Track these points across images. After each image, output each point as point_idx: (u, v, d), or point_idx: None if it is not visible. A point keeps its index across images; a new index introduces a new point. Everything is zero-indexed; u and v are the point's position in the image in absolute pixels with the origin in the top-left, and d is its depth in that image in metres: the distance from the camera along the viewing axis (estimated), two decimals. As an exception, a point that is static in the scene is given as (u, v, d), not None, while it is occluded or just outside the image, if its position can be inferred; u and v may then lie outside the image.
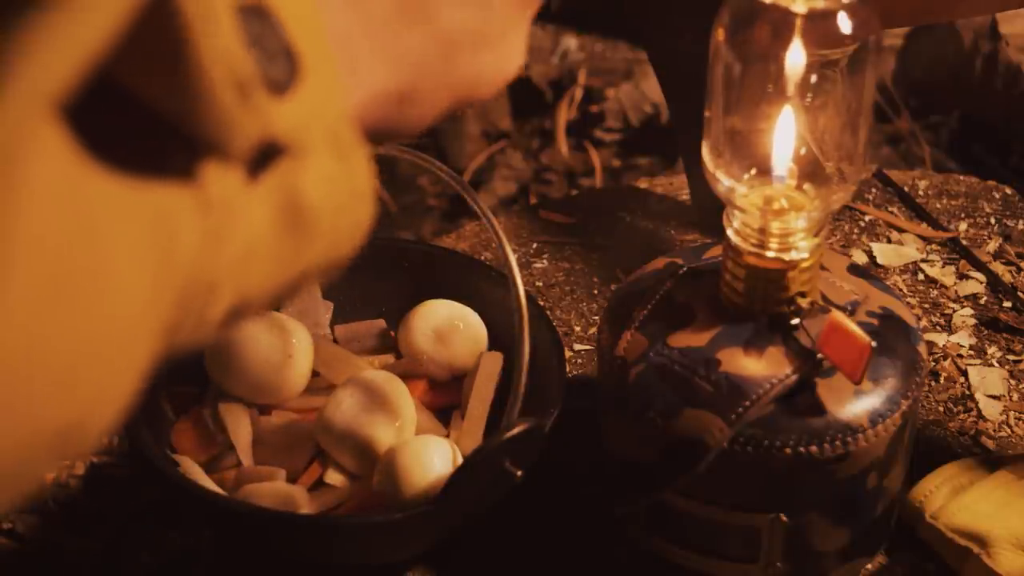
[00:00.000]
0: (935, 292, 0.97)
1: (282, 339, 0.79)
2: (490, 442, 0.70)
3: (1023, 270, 0.99)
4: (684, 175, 1.03)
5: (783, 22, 0.64)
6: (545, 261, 1.00)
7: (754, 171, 0.68)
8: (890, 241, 1.01)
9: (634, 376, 0.70)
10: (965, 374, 0.90)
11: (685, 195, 1.04)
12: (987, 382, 0.89)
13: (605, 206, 1.05)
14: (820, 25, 0.64)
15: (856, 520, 0.72)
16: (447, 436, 0.79)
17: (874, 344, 0.65)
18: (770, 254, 0.67)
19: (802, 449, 0.67)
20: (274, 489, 0.75)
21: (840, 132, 0.67)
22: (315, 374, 0.81)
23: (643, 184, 1.08)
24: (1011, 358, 0.91)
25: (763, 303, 0.69)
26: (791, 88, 0.66)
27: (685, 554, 0.74)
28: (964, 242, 1.01)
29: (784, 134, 0.67)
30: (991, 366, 0.90)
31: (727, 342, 0.69)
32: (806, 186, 0.68)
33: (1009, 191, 1.06)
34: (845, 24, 0.64)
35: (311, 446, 0.78)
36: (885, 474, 0.71)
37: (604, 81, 1.66)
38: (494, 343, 0.83)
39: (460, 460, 0.74)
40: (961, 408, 0.88)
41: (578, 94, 1.65)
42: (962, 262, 0.99)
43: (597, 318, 0.94)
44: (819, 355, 0.67)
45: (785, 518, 0.70)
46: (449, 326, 0.82)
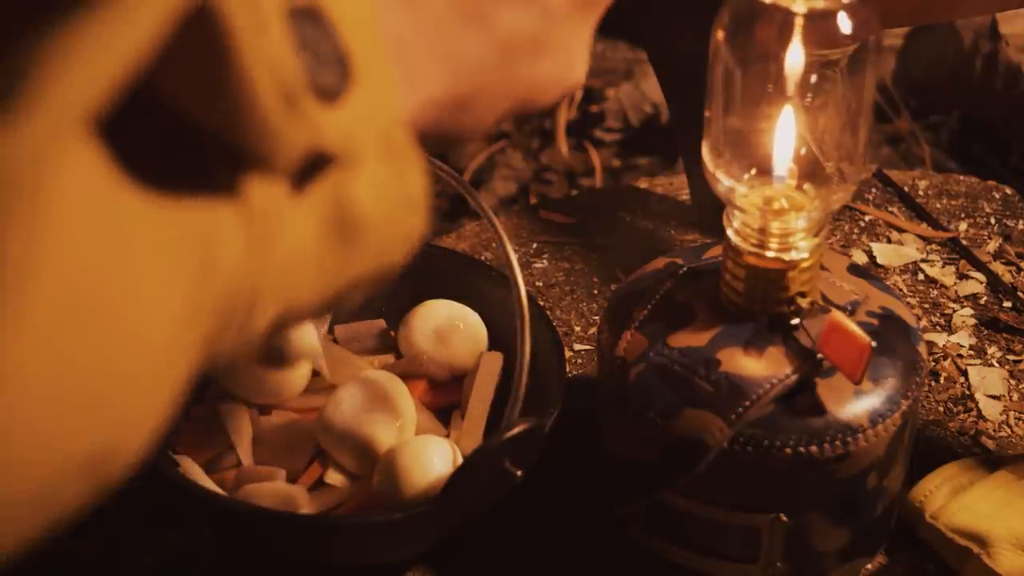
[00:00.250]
0: (935, 292, 0.97)
1: (282, 339, 0.79)
2: (490, 442, 0.70)
3: (1023, 270, 0.99)
4: (684, 175, 1.03)
5: (783, 22, 0.64)
6: (545, 261, 1.00)
7: (754, 171, 0.68)
8: (890, 241, 1.01)
9: (634, 376, 0.70)
10: (965, 374, 0.90)
11: (685, 195, 1.04)
12: (987, 382, 0.89)
13: (605, 206, 1.05)
14: (820, 25, 0.64)
15: (856, 520, 0.72)
16: (447, 436, 0.79)
17: (874, 344, 0.65)
18: (770, 254, 0.67)
19: (802, 449, 0.67)
20: (274, 489, 0.75)
21: (840, 132, 0.67)
22: (315, 374, 0.81)
23: (643, 184, 1.08)
24: (1011, 358, 0.91)
25: (763, 303, 0.69)
26: (791, 88, 0.66)
27: (685, 554, 0.74)
28: (964, 242, 1.01)
29: (784, 134, 0.67)
30: (991, 366, 0.90)
31: (727, 342, 0.69)
32: (806, 186, 0.68)
33: (1009, 191, 1.06)
34: (845, 24, 0.64)
35: (311, 446, 0.78)
36: (885, 474, 0.71)
37: (604, 81, 1.66)
38: (494, 343, 0.83)
39: (460, 460, 0.74)
40: (961, 408, 0.88)
41: (578, 94, 1.65)
42: (962, 262, 0.99)
43: (597, 318, 0.94)
44: (819, 355, 0.67)
45: (785, 518, 0.70)
46: (449, 326, 0.82)
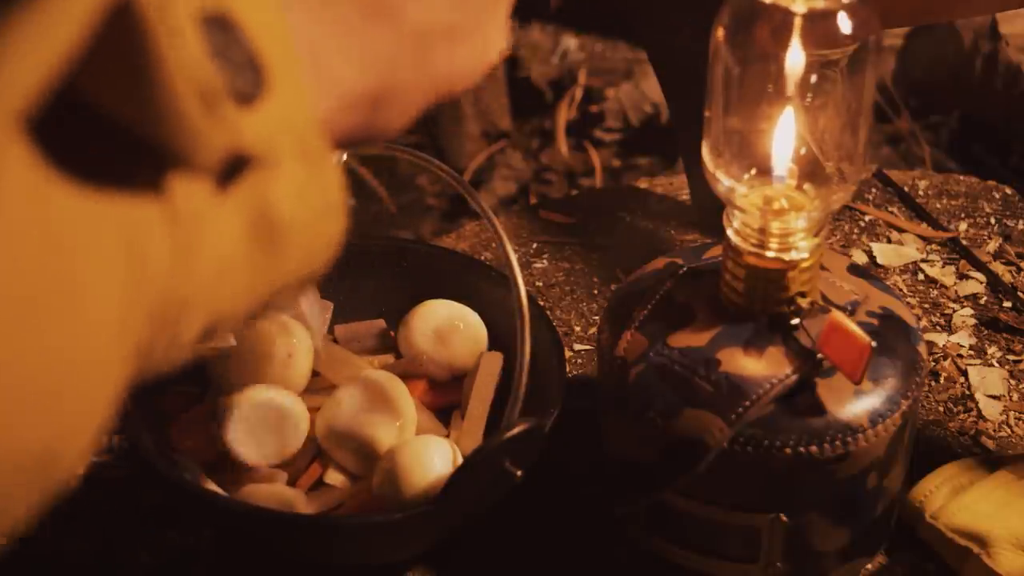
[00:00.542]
0: (935, 292, 0.97)
1: (282, 339, 0.79)
2: (490, 442, 0.70)
3: (1023, 270, 0.99)
4: (684, 175, 1.03)
5: (783, 22, 0.64)
6: (545, 261, 1.00)
7: (754, 171, 0.68)
8: (890, 241, 1.01)
9: (634, 376, 0.70)
10: (965, 374, 0.90)
11: (685, 195, 1.04)
12: (987, 382, 0.89)
13: (605, 206, 1.05)
14: (820, 25, 0.64)
15: (856, 520, 0.72)
16: (447, 436, 0.79)
17: (874, 344, 0.65)
18: (770, 254, 0.67)
19: (802, 449, 0.67)
20: (274, 490, 0.75)
21: (840, 132, 0.67)
22: (315, 374, 0.81)
23: (643, 184, 1.08)
24: (1011, 358, 0.91)
25: (763, 303, 0.69)
26: (791, 88, 0.66)
27: (685, 554, 0.74)
28: (964, 242, 1.01)
29: (784, 134, 0.67)
30: (991, 366, 0.90)
31: (727, 342, 0.69)
32: (806, 186, 0.68)
33: (1009, 191, 1.06)
34: (845, 24, 0.64)
35: (311, 446, 0.78)
36: (885, 474, 0.71)
37: (604, 81, 1.66)
38: (494, 343, 0.83)
39: (460, 460, 0.74)
40: (961, 408, 0.88)
41: (578, 94, 1.65)
42: (962, 262, 0.99)
43: (597, 318, 0.94)
44: (819, 355, 0.67)
45: (785, 518, 0.70)
46: (449, 326, 0.82)
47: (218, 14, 0.35)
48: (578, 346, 0.92)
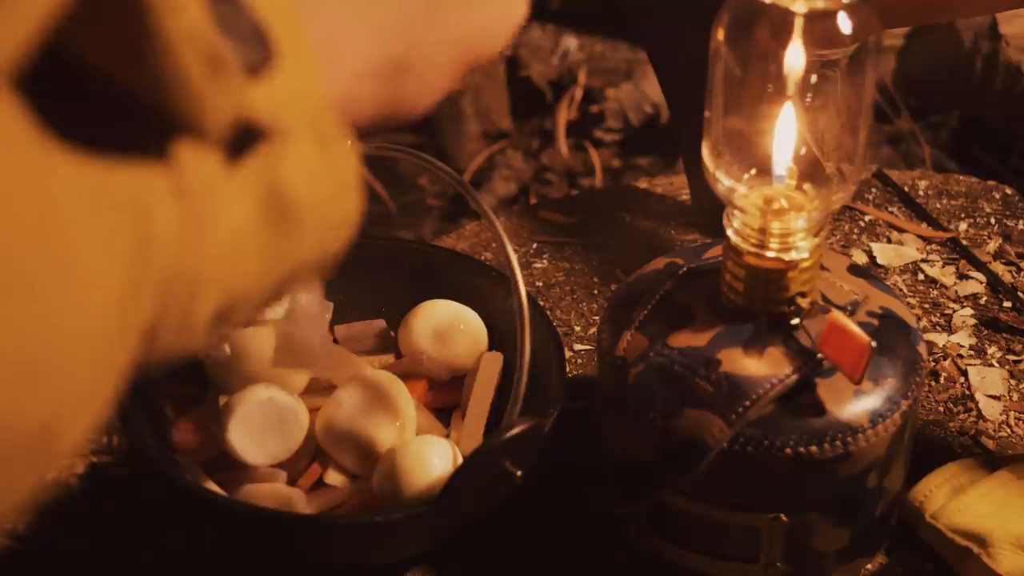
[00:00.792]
0: (935, 292, 0.97)
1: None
2: (490, 442, 0.70)
3: (1023, 270, 0.99)
4: (684, 175, 1.03)
5: (783, 22, 0.64)
6: (545, 261, 1.00)
7: (754, 171, 0.68)
8: (890, 241, 1.01)
9: (634, 376, 0.70)
10: (965, 374, 0.90)
11: (685, 195, 1.04)
12: (987, 382, 0.89)
13: (605, 206, 1.05)
14: (820, 25, 0.64)
15: (856, 520, 0.72)
16: (447, 436, 0.79)
17: (874, 344, 0.65)
18: (770, 254, 0.67)
19: (802, 449, 0.67)
20: (274, 490, 0.75)
21: (840, 132, 0.67)
22: (315, 374, 0.81)
23: (643, 184, 1.08)
24: (1011, 358, 0.91)
25: (763, 303, 0.69)
26: (791, 88, 0.66)
27: (685, 554, 0.74)
28: (964, 242, 1.01)
29: (784, 134, 0.67)
30: (991, 366, 0.90)
31: (727, 342, 0.69)
32: (806, 186, 0.68)
33: (1009, 191, 1.06)
34: (845, 24, 0.64)
35: (311, 446, 0.78)
36: (885, 474, 0.71)
37: (604, 81, 1.66)
38: (494, 343, 0.83)
39: (460, 460, 0.74)
40: (961, 408, 0.88)
41: (578, 94, 1.65)
42: (962, 262, 0.99)
43: (597, 318, 0.94)
44: (819, 355, 0.67)
45: (785, 518, 0.70)
46: (449, 326, 0.82)
47: None
48: (578, 346, 0.92)
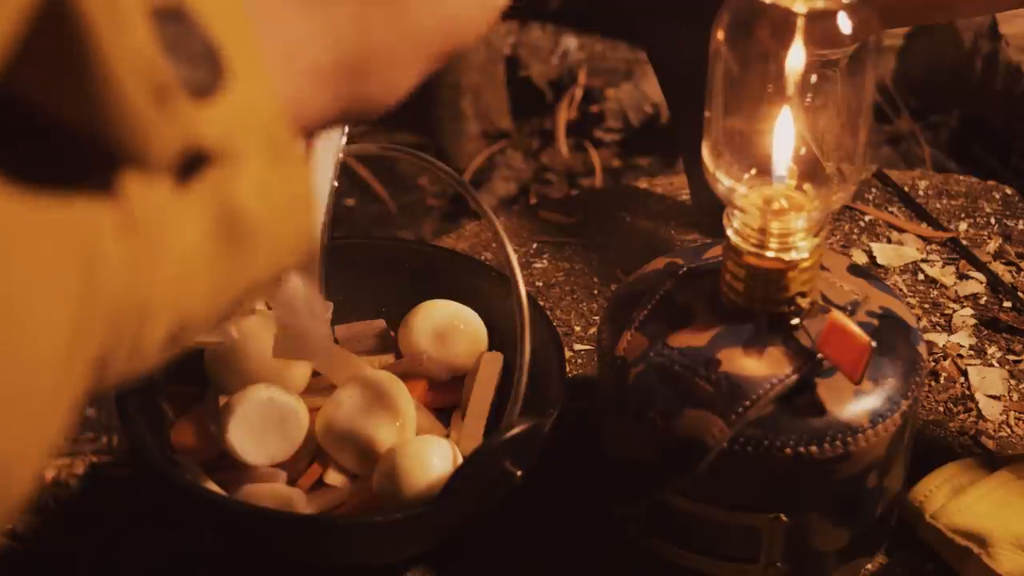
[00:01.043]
0: (935, 292, 0.97)
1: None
2: (490, 442, 0.70)
3: (1023, 270, 0.99)
4: (684, 175, 1.03)
5: (783, 22, 0.64)
6: (545, 261, 1.00)
7: (754, 171, 0.68)
8: (890, 241, 1.01)
9: (634, 376, 0.70)
10: (965, 374, 0.90)
11: (685, 195, 1.04)
12: (987, 382, 0.89)
13: (605, 206, 1.05)
14: (820, 25, 0.64)
15: (856, 520, 0.72)
16: (447, 436, 0.79)
17: (874, 344, 0.65)
18: (770, 254, 0.67)
19: (802, 449, 0.67)
20: (274, 490, 0.75)
21: (840, 132, 0.67)
22: (315, 374, 0.81)
23: (643, 184, 1.08)
24: (1011, 358, 0.91)
25: (763, 303, 0.69)
26: (791, 88, 0.66)
27: (685, 554, 0.74)
28: (964, 242, 1.01)
29: (784, 134, 0.67)
30: (991, 366, 0.90)
31: (727, 342, 0.69)
32: (806, 186, 0.68)
33: (1009, 191, 1.06)
34: (845, 24, 0.64)
35: (311, 446, 0.78)
36: (885, 474, 0.71)
37: (604, 81, 1.66)
38: (494, 343, 0.83)
39: (460, 460, 0.74)
40: (961, 408, 0.88)
41: (578, 94, 1.65)
42: (962, 262, 0.99)
43: (597, 318, 0.94)
44: (819, 355, 0.67)
45: (785, 518, 0.70)
46: (449, 326, 0.82)
47: (171, 5, 0.33)
48: (578, 346, 0.92)
